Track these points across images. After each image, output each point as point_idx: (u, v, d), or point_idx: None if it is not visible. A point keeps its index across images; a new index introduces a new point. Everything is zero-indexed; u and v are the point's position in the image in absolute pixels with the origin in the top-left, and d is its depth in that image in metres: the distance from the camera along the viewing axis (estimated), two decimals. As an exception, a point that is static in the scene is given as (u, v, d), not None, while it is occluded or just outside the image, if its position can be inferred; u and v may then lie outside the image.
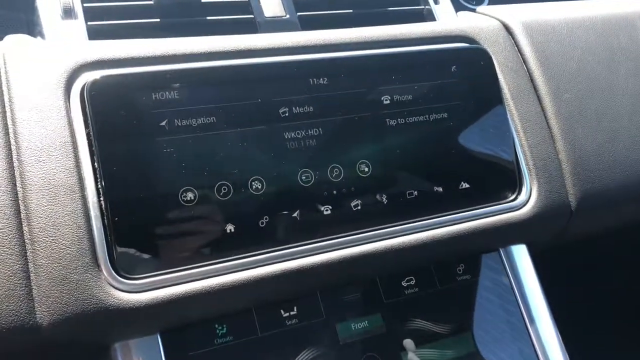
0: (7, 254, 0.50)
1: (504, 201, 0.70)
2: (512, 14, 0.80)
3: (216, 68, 0.59)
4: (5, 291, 0.49)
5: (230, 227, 0.57)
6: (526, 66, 0.76)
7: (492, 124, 0.71)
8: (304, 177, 0.61)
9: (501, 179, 0.70)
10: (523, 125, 0.72)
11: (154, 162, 0.55)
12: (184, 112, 0.57)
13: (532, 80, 0.76)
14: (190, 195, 0.56)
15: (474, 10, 0.86)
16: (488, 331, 0.69)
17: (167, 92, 0.57)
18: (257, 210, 0.59)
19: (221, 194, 0.57)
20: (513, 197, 0.70)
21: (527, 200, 0.70)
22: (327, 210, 0.61)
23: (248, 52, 0.63)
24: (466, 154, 0.68)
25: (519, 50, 0.77)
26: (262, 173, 0.59)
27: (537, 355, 0.69)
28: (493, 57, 0.73)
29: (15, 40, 0.60)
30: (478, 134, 0.70)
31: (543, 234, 0.74)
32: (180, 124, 0.57)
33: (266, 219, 0.59)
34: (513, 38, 0.78)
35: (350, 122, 0.64)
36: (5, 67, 0.56)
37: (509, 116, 0.72)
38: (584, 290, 1.07)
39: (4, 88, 0.55)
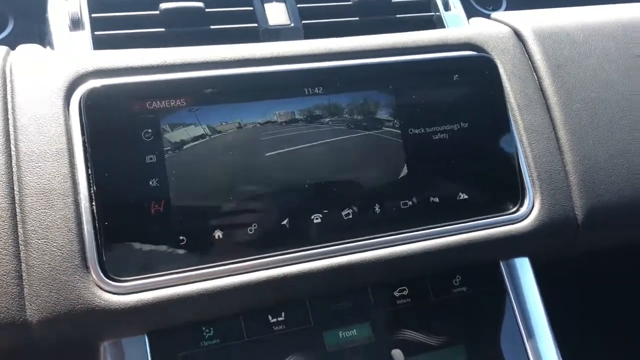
0: (1, 254, 0.53)
1: (505, 213, 0.68)
2: (524, 21, 0.78)
3: (206, 78, 0.61)
4: (-1, 289, 0.53)
5: (218, 234, 0.59)
6: (536, 74, 0.74)
7: (495, 134, 0.69)
8: (295, 186, 0.61)
9: (502, 191, 0.69)
10: (528, 135, 0.71)
11: (144, 170, 0.57)
12: (176, 121, 0.59)
13: (541, 89, 0.74)
14: (178, 202, 0.58)
15: (488, 16, 0.84)
16: (482, 344, 0.68)
17: (160, 102, 0.59)
18: (245, 217, 0.60)
19: (209, 201, 0.59)
20: (515, 209, 0.69)
21: (529, 212, 0.69)
22: (317, 219, 0.62)
23: (245, 62, 0.64)
24: (466, 164, 0.68)
25: (530, 58, 0.75)
26: (252, 181, 0.60)
27: (533, 371, 0.67)
28: (500, 65, 0.72)
29: (25, 51, 0.63)
30: (479, 144, 0.69)
31: (547, 248, 0.72)
32: (171, 133, 0.58)
33: (255, 226, 0.60)
34: (524, 45, 0.76)
35: (346, 131, 0.64)
36: (11, 76, 0.59)
37: (513, 126, 0.70)
38: (591, 306, 1.04)
39: (9, 96, 0.58)
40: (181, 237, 0.58)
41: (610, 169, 0.72)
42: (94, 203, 0.56)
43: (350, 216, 0.63)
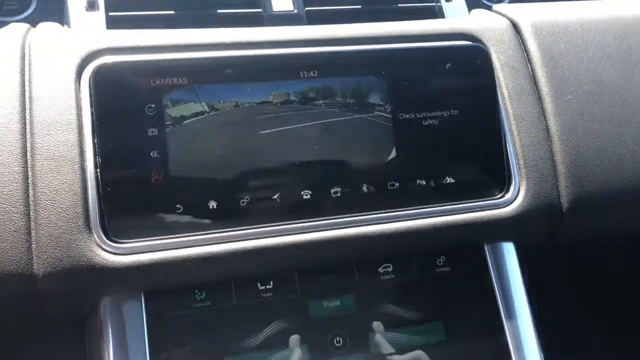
0: (13, 212, 0.58)
1: (491, 198, 0.71)
2: (523, 13, 0.80)
3: (207, 59, 0.65)
4: (10, 244, 0.58)
5: (212, 204, 0.63)
6: (530, 66, 0.77)
7: (484, 122, 0.72)
8: (286, 163, 0.65)
9: (489, 176, 0.72)
10: (518, 124, 0.73)
11: (146, 142, 0.62)
12: (178, 98, 0.63)
13: (534, 80, 0.76)
14: (176, 173, 0.62)
15: (489, 8, 0.86)
16: (461, 323, 0.71)
17: (163, 79, 0.63)
18: (239, 189, 0.64)
19: (205, 173, 0.63)
20: (500, 194, 0.71)
21: (514, 198, 0.71)
22: (306, 195, 0.66)
23: (245, 45, 0.68)
24: (453, 150, 0.70)
25: (525, 50, 0.77)
26: (246, 157, 0.64)
27: (510, 351, 0.70)
28: (494, 56, 0.74)
29: (44, 28, 0.69)
30: (468, 130, 0.71)
31: (532, 234, 0.74)
32: (173, 109, 0.63)
33: (247, 198, 0.64)
34: (521, 37, 0.78)
35: (338, 114, 0.67)
36: (29, 51, 0.64)
37: (504, 115, 0.73)
38: (576, 295, 1.05)
39: (26, 69, 0.63)
40: (178, 206, 0.62)
41: (598, 160, 0.74)
42: (98, 170, 0.61)
43: (339, 194, 0.66)
